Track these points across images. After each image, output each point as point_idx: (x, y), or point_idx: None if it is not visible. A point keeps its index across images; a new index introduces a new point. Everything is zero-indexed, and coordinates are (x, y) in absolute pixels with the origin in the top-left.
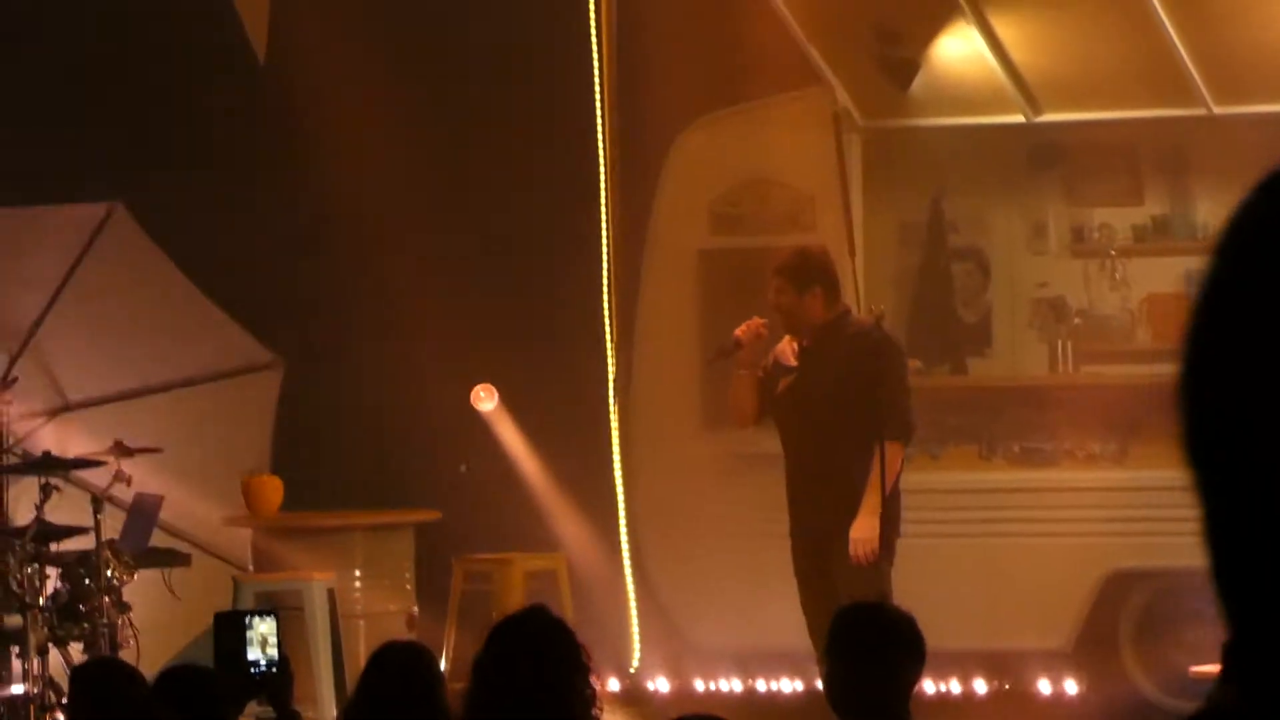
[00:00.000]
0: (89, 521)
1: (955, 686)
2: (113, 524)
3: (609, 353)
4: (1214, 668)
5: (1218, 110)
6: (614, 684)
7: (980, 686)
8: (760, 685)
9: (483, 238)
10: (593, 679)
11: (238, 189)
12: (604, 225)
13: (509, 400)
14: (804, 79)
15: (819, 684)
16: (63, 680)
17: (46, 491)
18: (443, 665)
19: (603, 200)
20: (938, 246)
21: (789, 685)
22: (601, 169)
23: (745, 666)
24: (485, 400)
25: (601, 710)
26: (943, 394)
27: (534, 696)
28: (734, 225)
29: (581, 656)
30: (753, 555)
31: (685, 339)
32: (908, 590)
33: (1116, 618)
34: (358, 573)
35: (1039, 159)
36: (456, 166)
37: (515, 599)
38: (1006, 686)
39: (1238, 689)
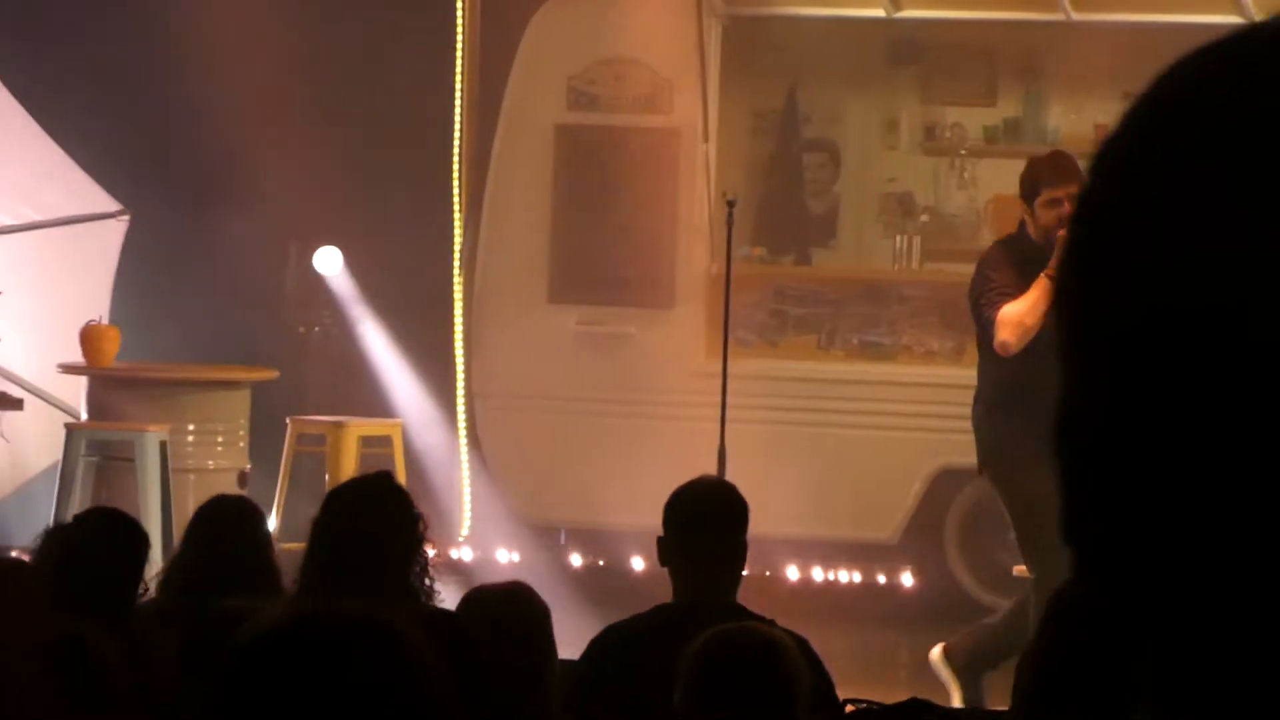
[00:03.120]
0: None
1: (792, 573)
2: None
3: (457, 223)
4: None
5: (1076, 17)
6: (443, 552)
7: (796, 573)
8: (591, 561)
9: (337, 102)
10: (427, 547)
11: (92, 40)
12: (457, 96)
13: (354, 265)
14: None
15: (642, 562)
16: None
17: None
18: (272, 524)
19: (458, 71)
20: (790, 136)
21: (620, 562)
22: (458, 40)
23: (578, 542)
24: (330, 263)
25: (434, 579)
26: (785, 283)
27: (370, 562)
28: (591, 103)
29: (419, 526)
30: (590, 432)
31: (537, 213)
32: (742, 474)
33: (944, 513)
34: (191, 427)
35: (896, 55)
36: (313, 33)
37: (349, 463)
38: (831, 575)
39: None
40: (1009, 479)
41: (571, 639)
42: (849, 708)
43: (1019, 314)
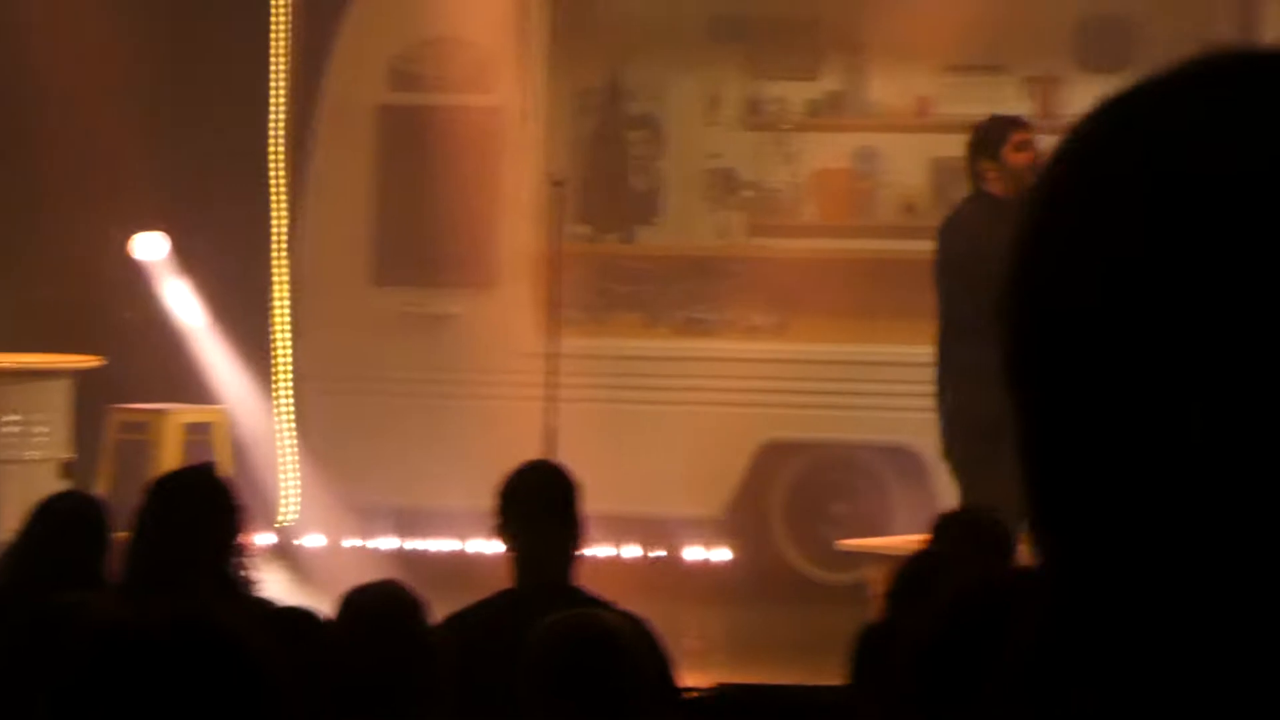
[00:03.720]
0: None
1: (607, 550)
2: None
3: (278, 206)
4: (860, 541)
5: None
6: (267, 539)
7: (633, 551)
8: (415, 544)
9: (157, 87)
10: (248, 539)
11: None
12: (276, 77)
13: (176, 250)
14: None
15: (470, 545)
16: None
17: None
18: None
19: (278, 52)
20: (613, 114)
21: (444, 545)
22: (278, 22)
23: (401, 525)
24: (151, 249)
25: (253, 570)
26: (610, 261)
27: (190, 554)
28: (414, 82)
29: (240, 518)
30: (417, 414)
31: (360, 194)
32: (570, 452)
33: (769, 488)
34: (13, 417)
35: (719, 31)
36: (131, 16)
37: (172, 451)
38: (660, 552)
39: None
40: (966, 468)
41: None
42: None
43: None
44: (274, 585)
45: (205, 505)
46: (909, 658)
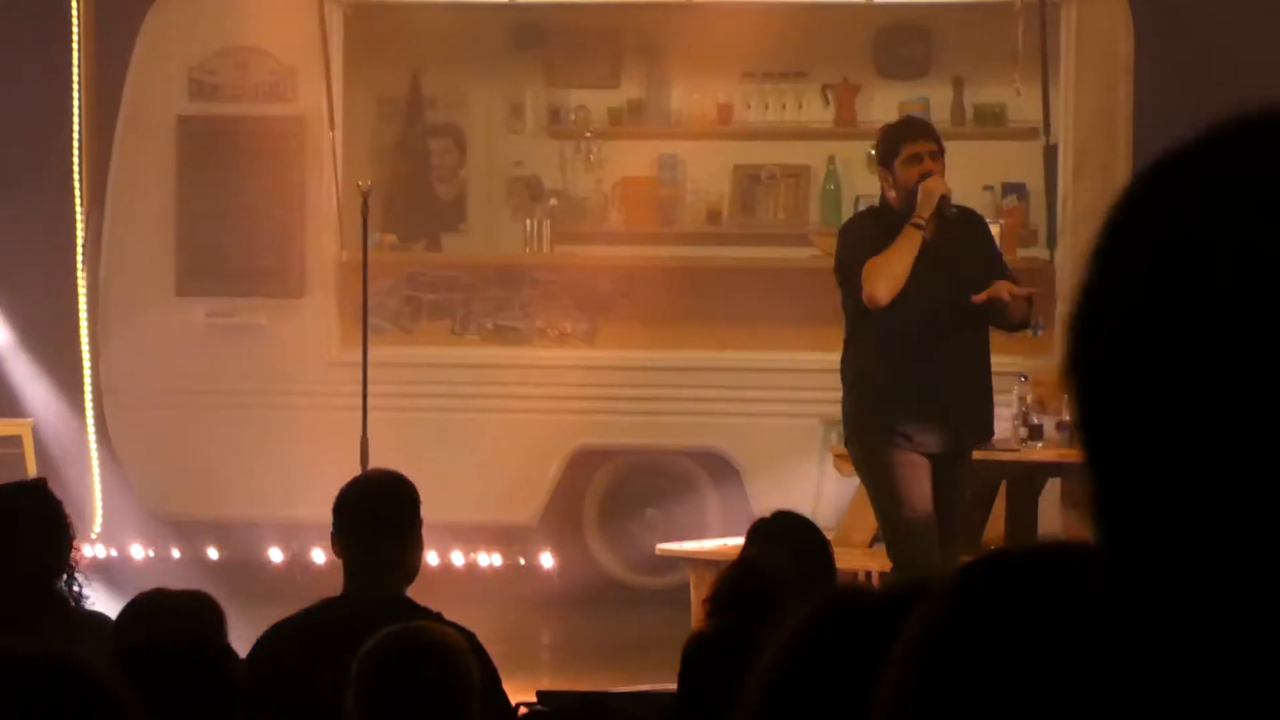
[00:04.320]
0: None
1: (433, 559)
2: None
3: (78, 217)
4: (677, 546)
5: None
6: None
7: (453, 559)
8: (228, 555)
9: None
10: (76, 554)
11: None
12: (74, 87)
13: None
14: None
15: (280, 554)
16: None
17: None
18: None
19: (75, 62)
20: (415, 122)
21: (260, 555)
22: (74, 31)
23: (216, 536)
24: None
25: (82, 586)
26: (417, 270)
27: (17, 572)
28: (213, 93)
29: (69, 534)
30: (224, 426)
31: (161, 205)
32: (383, 462)
33: (582, 494)
34: None
35: (520, 39)
36: None
37: None
38: (475, 559)
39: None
40: (871, 463)
41: None
42: (521, 709)
43: (886, 262)
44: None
45: (32, 523)
46: (760, 685)
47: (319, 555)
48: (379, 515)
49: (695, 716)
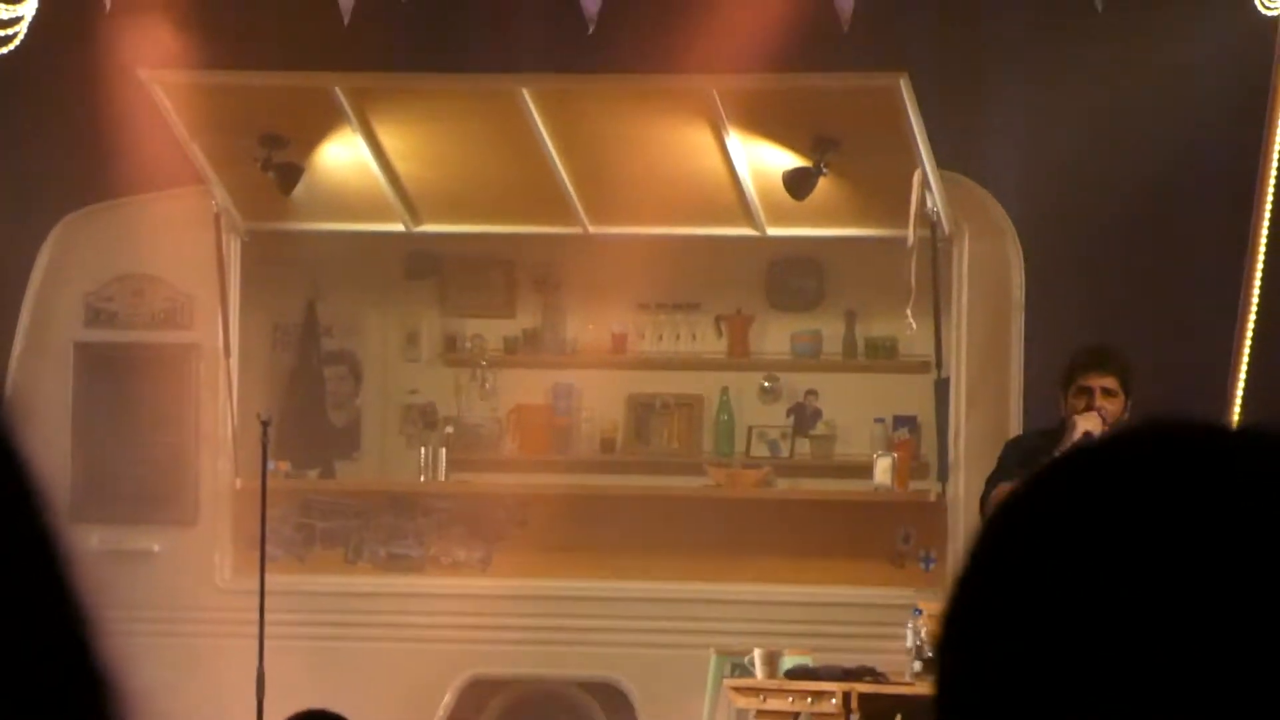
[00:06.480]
0: None
1: None
2: None
3: None
4: None
5: (593, 229)
6: None
7: None
8: None
9: None
10: None
11: None
12: None
13: None
14: (186, 177)
15: None
16: None
17: None
18: None
19: None
20: (311, 349)
21: None
22: None
23: None
24: None
25: None
26: (311, 497)
27: None
28: (109, 319)
29: None
30: (116, 654)
31: (56, 431)
32: (278, 691)
33: None
34: None
35: (415, 268)
36: None
37: None
38: None
39: None
40: None
41: None
42: None
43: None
44: None
45: None
46: None
47: None
48: None
49: None
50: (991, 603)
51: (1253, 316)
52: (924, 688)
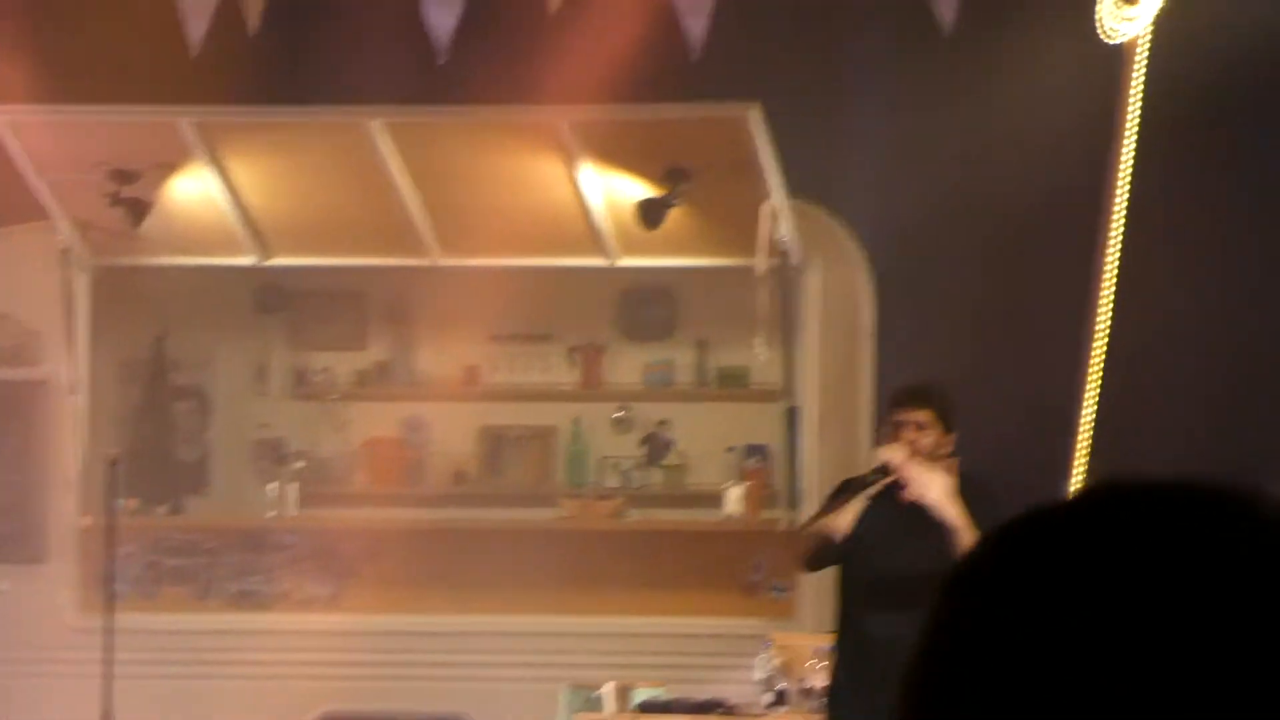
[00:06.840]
0: None
1: None
2: None
3: None
4: None
5: (443, 261)
6: None
7: None
8: None
9: None
10: None
11: None
12: None
13: None
14: (33, 213)
15: None
16: None
17: None
18: None
19: None
20: (159, 384)
21: None
22: None
23: None
24: None
25: None
26: (160, 534)
27: None
28: None
29: None
30: None
31: None
32: None
33: None
34: None
35: (265, 302)
36: None
37: None
38: None
39: None
40: None
41: None
42: None
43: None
44: None
45: None
46: None
47: None
48: None
49: None
50: (953, 672)
51: (1101, 347)
52: (775, 719)
